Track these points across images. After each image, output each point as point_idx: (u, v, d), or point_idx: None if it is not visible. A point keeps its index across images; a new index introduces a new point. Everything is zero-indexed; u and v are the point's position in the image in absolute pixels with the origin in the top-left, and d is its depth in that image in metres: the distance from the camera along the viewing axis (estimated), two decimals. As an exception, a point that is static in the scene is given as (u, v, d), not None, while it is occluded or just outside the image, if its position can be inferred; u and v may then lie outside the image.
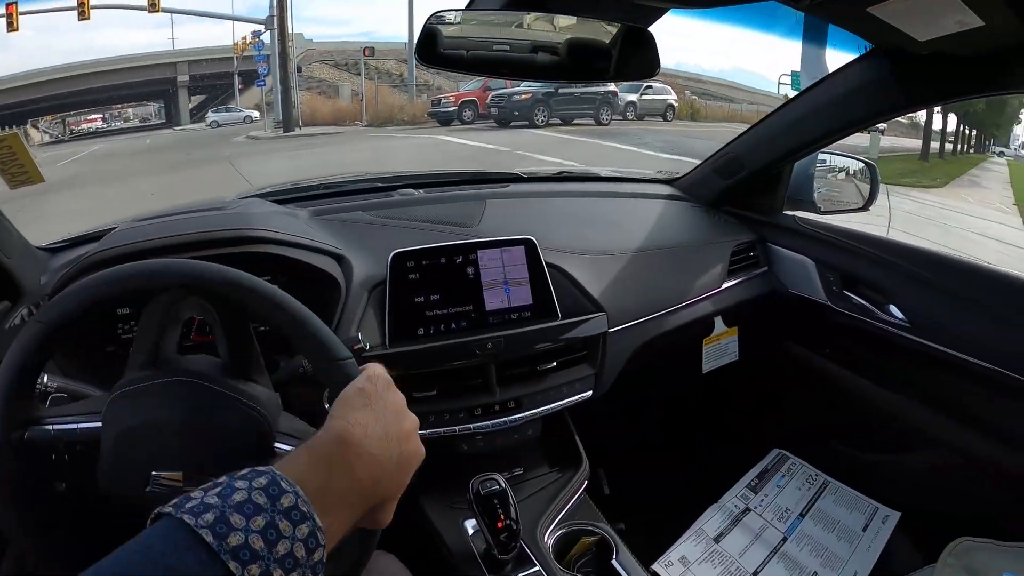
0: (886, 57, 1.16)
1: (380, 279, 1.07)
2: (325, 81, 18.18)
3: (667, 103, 16.69)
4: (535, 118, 13.46)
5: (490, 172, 1.52)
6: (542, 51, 1.07)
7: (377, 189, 1.37)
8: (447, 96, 14.85)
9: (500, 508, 0.97)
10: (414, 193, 1.34)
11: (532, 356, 1.12)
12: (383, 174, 1.47)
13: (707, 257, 1.34)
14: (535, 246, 1.13)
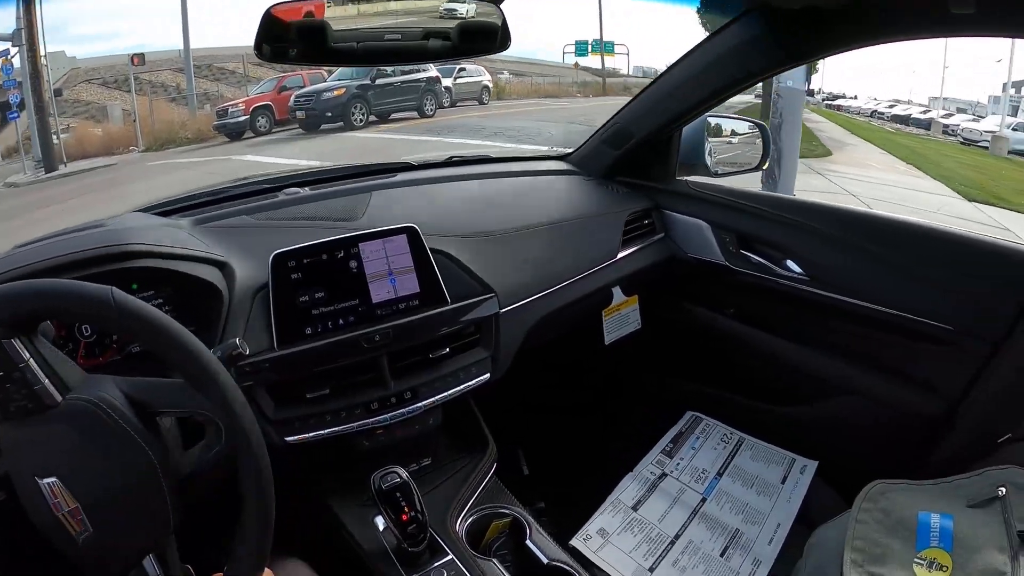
0: (760, 16, 1.18)
1: (263, 282, 1.04)
2: (94, 103, 14.73)
3: (482, 84, 15.75)
4: (352, 117, 11.54)
5: (379, 163, 1.49)
6: (434, 37, 1.06)
7: (263, 191, 1.33)
8: (235, 104, 12.23)
9: (404, 500, 0.96)
10: (300, 192, 1.31)
11: (424, 345, 1.10)
12: (268, 175, 1.43)
13: (601, 228, 1.35)
14: (418, 233, 1.12)
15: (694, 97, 1.37)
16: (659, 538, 1.30)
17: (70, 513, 0.65)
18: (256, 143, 11.21)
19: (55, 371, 0.68)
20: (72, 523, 0.65)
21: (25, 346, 0.67)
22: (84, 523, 0.66)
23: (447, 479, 1.14)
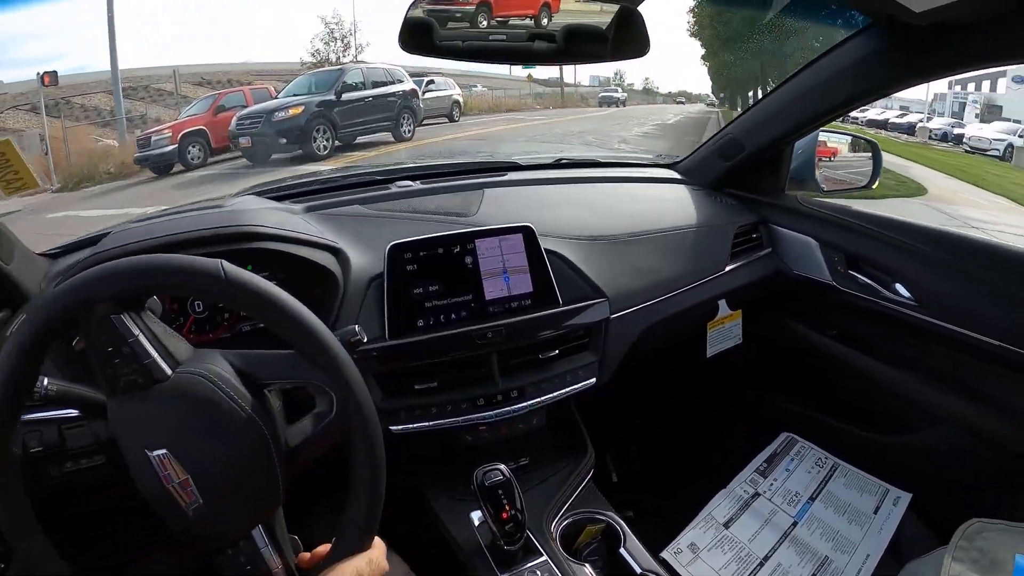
0: (883, 30, 1.14)
1: (378, 272, 1.06)
2: (20, 132, 12.61)
3: (452, 99, 14.41)
4: (314, 143, 9.09)
5: (487, 161, 1.50)
6: (539, 39, 1.07)
7: (374, 182, 1.36)
8: (160, 131, 9.74)
9: (505, 498, 0.96)
10: (412, 185, 1.33)
11: (534, 345, 1.10)
12: (379, 166, 1.46)
13: (710, 240, 1.32)
14: (533, 233, 1.12)
15: (809, 112, 1.33)
16: (748, 558, 1.28)
17: (180, 484, 0.66)
18: (186, 180, 8.99)
19: (164, 346, 0.69)
20: (182, 494, 0.66)
21: (134, 321, 0.68)
22: (194, 494, 0.66)
23: (544, 481, 1.14)
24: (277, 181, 1.37)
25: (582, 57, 1.13)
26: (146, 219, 1.13)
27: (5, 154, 1.01)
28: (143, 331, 0.68)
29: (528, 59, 1.12)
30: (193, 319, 1.05)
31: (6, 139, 1.00)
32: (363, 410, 0.70)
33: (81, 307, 0.66)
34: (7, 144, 1.01)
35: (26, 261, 1.13)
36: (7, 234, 1.07)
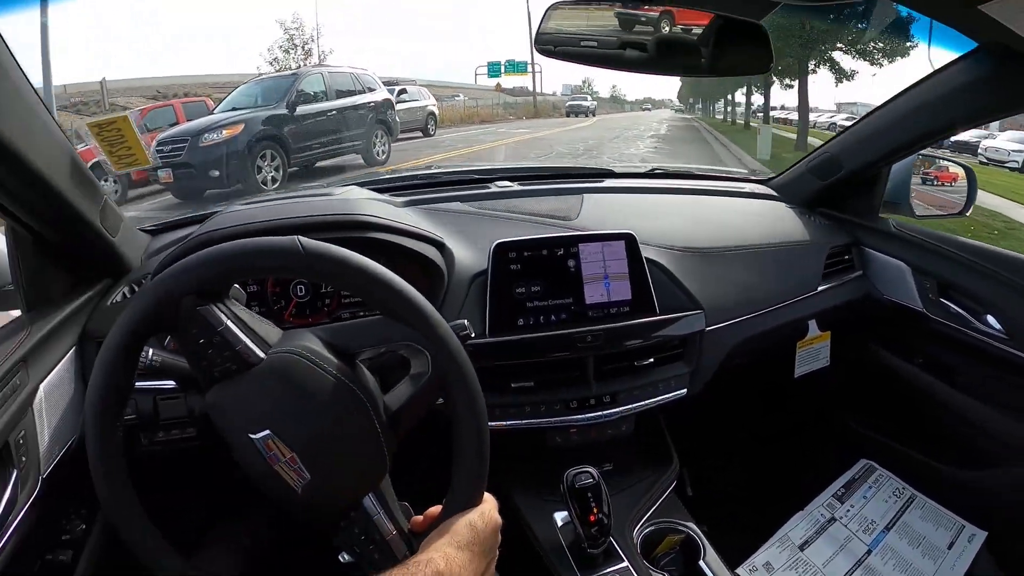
0: (992, 55, 1.11)
1: (481, 269, 1.08)
2: None
3: (427, 111, 13.10)
4: (258, 174, 6.94)
5: (584, 167, 1.51)
6: (630, 48, 1.06)
7: (473, 180, 1.37)
8: None
9: (593, 501, 0.97)
10: (511, 186, 1.34)
11: (630, 351, 1.10)
12: (478, 166, 1.48)
13: (803, 259, 1.31)
14: (635, 241, 1.12)
15: (911, 134, 1.30)
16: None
17: (287, 463, 0.67)
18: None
19: (253, 330, 0.70)
20: (290, 472, 0.67)
21: (221, 310, 0.69)
22: (302, 471, 0.67)
23: (628, 487, 1.14)
24: (378, 173, 1.40)
25: (674, 68, 1.13)
26: (254, 202, 1.16)
27: (122, 131, 1.05)
28: (231, 318, 0.69)
29: (620, 66, 1.12)
30: (295, 303, 1.08)
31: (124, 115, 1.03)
32: (459, 361, 0.69)
33: (168, 303, 0.68)
34: (125, 121, 1.04)
35: (129, 235, 1.17)
36: (114, 209, 1.11)
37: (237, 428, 0.68)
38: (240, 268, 0.70)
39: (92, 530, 1.08)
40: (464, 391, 0.69)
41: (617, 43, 1.08)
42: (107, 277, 1.13)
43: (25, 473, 0.91)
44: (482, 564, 0.64)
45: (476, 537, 0.64)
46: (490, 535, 0.67)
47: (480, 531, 0.65)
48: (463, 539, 0.63)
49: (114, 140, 1.03)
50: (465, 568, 0.60)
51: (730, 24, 0.97)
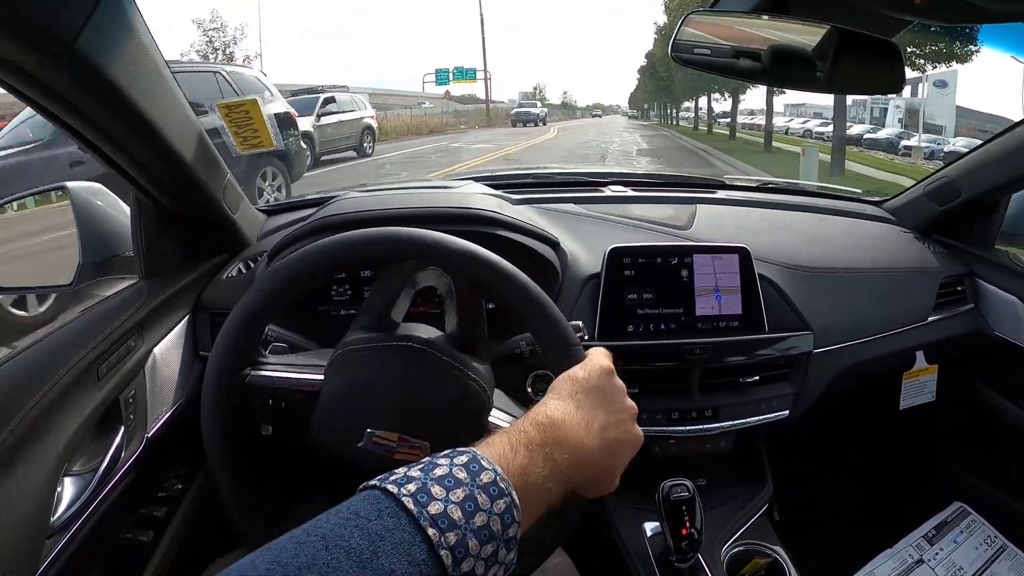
0: None
1: (595, 272, 1.07)
2: None
3: (363, 124, 10.92)
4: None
5: (696, 177, 1.49)
6: (744, 57, 1.03)
7: (586, 183, 1.36)
8: None
9: (687, 515, 0.95)
10: (625, 191, 1.32)
11: (736, 367, 1.08)
12: (590, 169, 1.48)
13: (915, 286, 1.26)
14: (749, 255, 1.09)
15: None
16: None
17: (406, 449, 0.68)
18: None
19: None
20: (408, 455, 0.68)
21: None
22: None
23: (719, 505, 1.11)
24: (493, 170, 1.40)
25: (787, 80, 1.09)
26: (373, 190, 1.17)
27: (249, 112, 1.06)
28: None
29: (731, 75, 1.09)
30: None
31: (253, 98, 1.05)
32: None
33: (315, 272, 0.72)
34: (254, 103, 1.06)
35: (247, 213, 1.20)
36: (235, 186, 1.14)
37: (355, 424, 0.69)
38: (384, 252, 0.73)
39: (188, 490, 1.11)
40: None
41: (731, 52, 1.05)
42: (223, 252, 1.16)
43: (132, 430, 0.95)
44: (594, 414, 0.58)
45: (579, 386, 0.60)
46: (598, 379, 0.62)
47: (583, 379, 0.61)
48: (565, 391, 0.59)
49: (241, 121, 1.06)
50: (570, 415, 0.55)
51: (852, 37, 0.94)
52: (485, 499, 0.43)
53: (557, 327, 0.70)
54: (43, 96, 0.75)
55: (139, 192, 1.00)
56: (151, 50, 0.84)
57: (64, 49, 0.69)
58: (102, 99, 0.79)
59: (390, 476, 0.43)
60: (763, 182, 1.55)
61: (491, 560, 0.42)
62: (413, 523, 0.39)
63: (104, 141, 0.86)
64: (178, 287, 1.07)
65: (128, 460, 0.93)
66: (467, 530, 0.41)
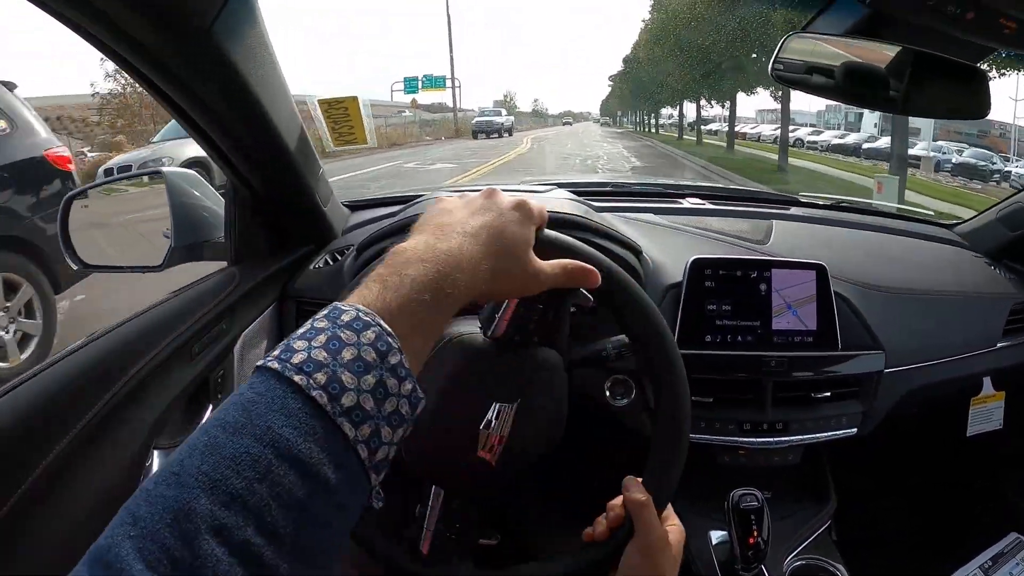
0: None
1: (676, 281, 1.09)
2: None
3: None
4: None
5: (771, 192, 1.50)
6: (817, 73, 1.04)
7: (664, 194, 1.38)
8: None
9: (755, 524, 0.96)
10: (703, 204, 1.34)
11: (808, 382, 1.09)
12: (667, 180, 1.50)
13: (985, 312, 1.26)
14: (826, 272, 1.10)
15: None
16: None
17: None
18: None
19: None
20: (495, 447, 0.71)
21: None
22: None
23: (783, 518, 1.12)
24: (573, 177, 1.43)
25: (860, 99, 1.09)
26: (459, 190, 1.20)
27: (348, 110, 1.10)
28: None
29: (806, 90, 1.10)
30: None
31: (354, 97, 1.08)
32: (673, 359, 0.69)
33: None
34: (353, 101, 1.09)
35: (335, 207, 1.23)
36: (326, 181, 1.17)
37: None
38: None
39: None
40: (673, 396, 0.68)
41: (804, 67, 1.06)
42: (310, 243, 1.19)
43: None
44: (448, 225, 0.52)
45: (441, 213, 0.55)
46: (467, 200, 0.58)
47: (447, 206, 0.57)
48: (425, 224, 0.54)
49: (339, 118, 1.09)
50: (416, 239, 0.50)
51: (935, 60, 0.93)
52: (350, 334, 0.40)
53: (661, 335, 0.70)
54: (167, 80, 0.78)
55: (236, 180, 1.04)
56: (267, 39, 0.87)
57: (201, 34, 0.72)
58: (225, 84, 0.82)
59: (292, 356, 0.39)
60: (837, 200, 1.56)
61: (379, 390, 0.40)
62: (278, 377, 0.38)
63: (215, 126, 0.90)
64: (267, 275, 1.10)
65: None
66: (336, 366, 0.39)
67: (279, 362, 0.38)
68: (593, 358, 0.91)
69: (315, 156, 1.09)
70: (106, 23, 0.67)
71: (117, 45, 0.71)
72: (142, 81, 0.78)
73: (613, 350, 0.90)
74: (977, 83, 0.96)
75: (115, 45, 0.71)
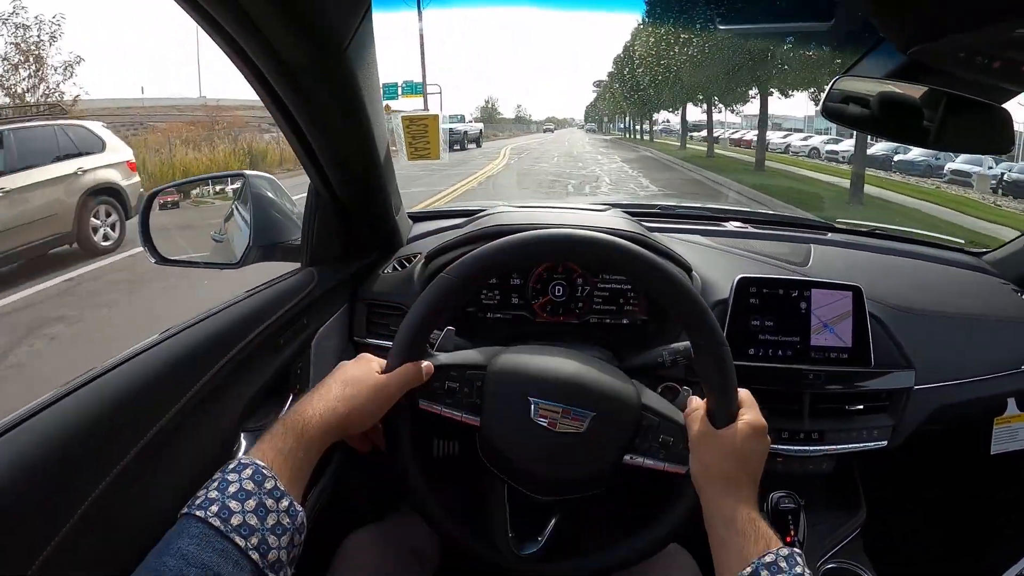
0: None
1: (723, 297, 1.17)
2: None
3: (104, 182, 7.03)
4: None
5: (809, 219, 1.59)
6: (853, 102, 1.11)
7: (709, 218, 1.46)
8: None
9: (792, 524, 1.03)
10: (746, 227, 1.42)
11: (843, 395, 1.17)
12: (710, 206, 1.58)
13: (1010, 335, 1.33)
14: (861, 293, 1.18)
15: None
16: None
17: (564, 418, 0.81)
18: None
19: None
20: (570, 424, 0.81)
21: None
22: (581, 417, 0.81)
23: (816, 524, 1.19)
24: (624, 199, 1.51)
25: (894, 132, 1.16)
26: (528, 207, 1.29)
27: (428, 127, 1.18)
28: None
29: (843, 121, 1.17)
30: (549, 300, 1.18)
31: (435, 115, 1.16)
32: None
33: (491, 269, 0.84)
34: (434, 119, 1.17)
35: (403, 216, 1.31)
36: (399, 192, 1.24)
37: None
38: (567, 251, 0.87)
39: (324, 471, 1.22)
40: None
41: (840, 96, 1.13)
42: (376, 250, 1.27)
43: (297, 399, 1.05)
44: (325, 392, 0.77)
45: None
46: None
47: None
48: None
49: (418, 133, 1.17)
50: (306, 403, 0.75)
51: (965, 101, 1.00)
52: (272, 502, 0.61)
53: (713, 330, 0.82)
54: (294, 93, 0.85)
55: (321, 185, 1.11)
56: (375, 58, 0.95)
57: (339, 53, 0.80)
58: (347, 101, 0.90)
59: (195, 500, 0.60)
60: (872, 227, 1.64)
61: (260, 510, 0.60)
62: (222, 536, 0.57)
63: (321, 137, 0.97)
64: (342, 277, 1.18)
65: None
66: (264, 531, 0.59)
67: (222, 521, 0.58)
68: (651, 365, 0.99)
69: (393, 169, 1.17)
70: (267, 47, 0.74)
71: (265, 65, 0.78)
72: (267, 94, 0.86)
73: (669, 357, 0.99)
74: (1003, 122, 1.04)
75: (263, 65, 0.78)
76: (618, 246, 0.81)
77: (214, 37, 0.74)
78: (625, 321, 1.19)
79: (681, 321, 0.82)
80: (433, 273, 1.16)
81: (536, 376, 0.83)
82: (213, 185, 1.36)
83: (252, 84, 0.85)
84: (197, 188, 1.33)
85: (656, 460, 0.83)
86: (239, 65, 0.80)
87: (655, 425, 0.83)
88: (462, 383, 0.84)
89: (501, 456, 0.83)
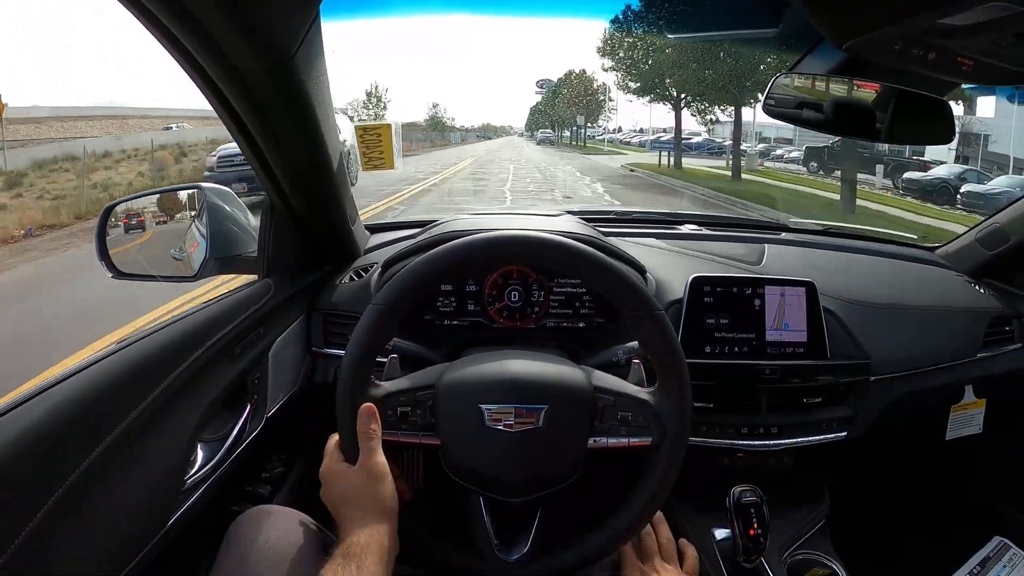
0: None
1: (677, 298, 1.18)
2: None
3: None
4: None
5: (762, 220, 1.61)
6: (807, 108, 1.14)
7: (664, 221, 1.48)
8: None
9: (755, 517, 1.04)
10: (700, 230, 1.44)
11: (800, 389, 1.18)
12: (666, 210, 1.61)
13: (964, 324, 1.35)
14: (815, 289, 1.19)
15: None
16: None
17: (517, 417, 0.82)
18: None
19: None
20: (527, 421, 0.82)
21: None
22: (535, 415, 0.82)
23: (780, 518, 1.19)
24: (581, 206, 1.53)
25: (849, 131, 1.19)
26: (481, 214, 1.30)
27: (381, 136, 1.18)
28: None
29: (799, 124, 1.19)
30: (506, 306, 1.19)
31: (388, 124, 1.17)
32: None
33: (431, 279, 0.87)
34: (387, 129, 1.18)
35: (359, 227, 1.31)
36: (354, 203, 1.25)
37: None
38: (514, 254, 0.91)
39: (289, 474, 1.22)
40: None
41: (794, 103, 1.16)
42: (333, 261, 1.27)
43: (255, 409, 1.05)
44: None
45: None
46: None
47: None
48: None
49: (371, 143, 1.18)
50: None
51: (910, 96, 1.03)
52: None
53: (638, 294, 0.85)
54: (247, 103, 0.86)
55: (276, 197, 1.11)
56: (324, 66, 0.95)
57: (286, 61, 0.80)
58: (297, 109, 0.90)
59: None
60: (826, 226, 1.67)
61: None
62: None
63: (274, 147, 0.97)
64: (299, 288, 1.18)
65: (251, 435, 1.04)
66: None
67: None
68: (607, 365, 1.00)
69: (347, 179, 1.17)
70: (215, 51, 0.74)
71: (214, 70, 0.78)
72: (219, 103, 0.86)
73: (624, 356, 1.00)
74: (945, 114, 1.07)
75: (212, 70, 0.78)
76: (525, 239, 0.85)
77: (161, 40, 0.74)
78: (582, 324, 1.20)
79: (609, 295, 0.86)
80: (389, 280, 1.16)
81: (484, 383, 0.83)
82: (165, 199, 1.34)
83: (203, 91, 0.85)
84: (155, 207, 1.31)
85: (619, 438, 0.84)
86: (189, 71, 0.80)
87: (611, 404, 0.84)
88: (413, 406, 0.84)
89: (466, 468, 0.83)
